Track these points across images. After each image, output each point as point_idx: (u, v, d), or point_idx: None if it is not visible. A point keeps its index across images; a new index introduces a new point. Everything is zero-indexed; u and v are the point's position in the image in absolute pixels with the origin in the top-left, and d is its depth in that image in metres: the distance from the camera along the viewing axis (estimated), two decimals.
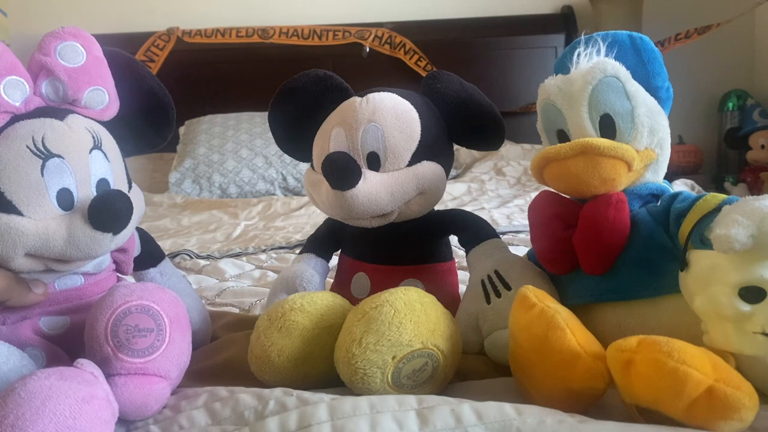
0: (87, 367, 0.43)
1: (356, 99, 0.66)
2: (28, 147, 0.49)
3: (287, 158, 2.24)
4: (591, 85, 0.53)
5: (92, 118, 0.56)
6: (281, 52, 2.61)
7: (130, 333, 0.49)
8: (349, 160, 0.61)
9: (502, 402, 0.41)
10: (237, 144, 2.32)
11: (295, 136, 0.73)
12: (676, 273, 0.47)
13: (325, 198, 0.63)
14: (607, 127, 0.54)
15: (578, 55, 0.56)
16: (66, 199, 0.51)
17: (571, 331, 0.43)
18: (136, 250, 0.63)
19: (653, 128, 0.55)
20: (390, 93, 0.66)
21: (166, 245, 1.41)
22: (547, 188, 0.59)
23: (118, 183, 0.56)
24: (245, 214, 1.85)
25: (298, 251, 0.77)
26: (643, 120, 0.53)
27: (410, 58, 2.64)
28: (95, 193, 0.53)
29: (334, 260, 0.76)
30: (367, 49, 2.63)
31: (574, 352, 0.42)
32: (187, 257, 1.25)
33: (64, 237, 0.50)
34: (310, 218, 1.70)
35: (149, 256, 0.66)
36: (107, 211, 0.51)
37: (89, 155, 0.53)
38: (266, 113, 0.73)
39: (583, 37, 0.58)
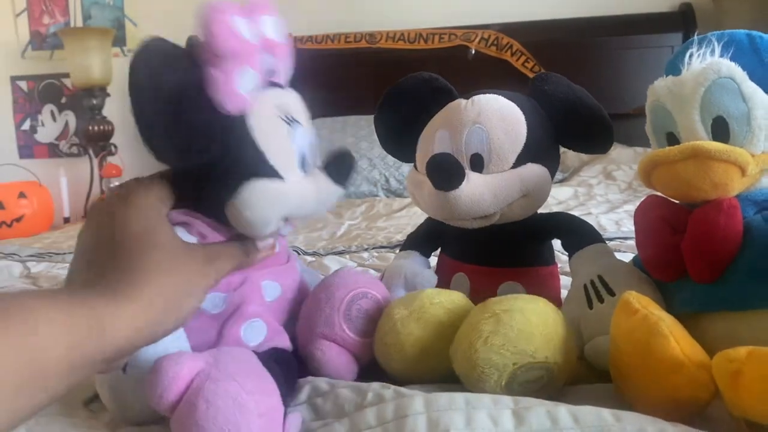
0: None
1: (461, 101, 0.67)
2: (277, 114, 0.52)
3: (390, 160, 2.28)
4: (703, 87, 0.51)
5: None
6: (387, 57, 2.64)
7: (360, 313, 0.56)
8: (453, 161, 0.62)
9: (601, 407, 0.41)
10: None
11: (399, 138, 0.75)
12: None
13: (427, 198, 0.65)
14: (720, 130, 0.51)
15: (690, 55, 0.54)
16: (302, 163, 0.54)
17: (675, 338, 0.42)
18: None
19: None
20: (496, 95, 0.66)
21: None
22: (654, 192, 0.57)
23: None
24: (349, 214, 1.90)
25: (398, 251, 0.79)
26: (760, 123, 0.51)
27: (517, 60, 2.59)
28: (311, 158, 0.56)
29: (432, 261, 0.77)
30: (473, 51, 2.62)
31: (677, 361, 0.41)
32: (295, 253, 1.31)
33: (315, 195, 0.54)
34: (411, 219, 1.72)
35: None
36: (347, 166, 0.58)
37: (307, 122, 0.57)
38: (371, 117, 0.75)
39: (696, 37, 0.56)
